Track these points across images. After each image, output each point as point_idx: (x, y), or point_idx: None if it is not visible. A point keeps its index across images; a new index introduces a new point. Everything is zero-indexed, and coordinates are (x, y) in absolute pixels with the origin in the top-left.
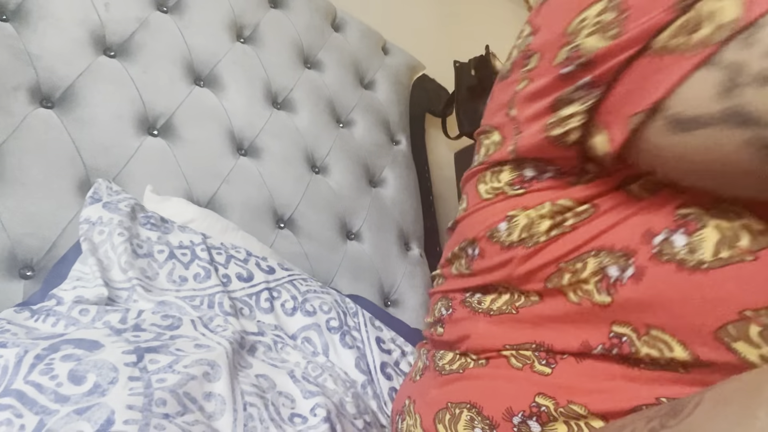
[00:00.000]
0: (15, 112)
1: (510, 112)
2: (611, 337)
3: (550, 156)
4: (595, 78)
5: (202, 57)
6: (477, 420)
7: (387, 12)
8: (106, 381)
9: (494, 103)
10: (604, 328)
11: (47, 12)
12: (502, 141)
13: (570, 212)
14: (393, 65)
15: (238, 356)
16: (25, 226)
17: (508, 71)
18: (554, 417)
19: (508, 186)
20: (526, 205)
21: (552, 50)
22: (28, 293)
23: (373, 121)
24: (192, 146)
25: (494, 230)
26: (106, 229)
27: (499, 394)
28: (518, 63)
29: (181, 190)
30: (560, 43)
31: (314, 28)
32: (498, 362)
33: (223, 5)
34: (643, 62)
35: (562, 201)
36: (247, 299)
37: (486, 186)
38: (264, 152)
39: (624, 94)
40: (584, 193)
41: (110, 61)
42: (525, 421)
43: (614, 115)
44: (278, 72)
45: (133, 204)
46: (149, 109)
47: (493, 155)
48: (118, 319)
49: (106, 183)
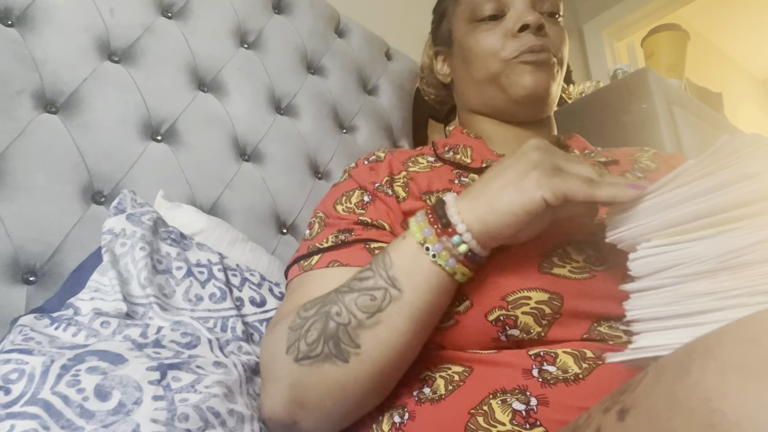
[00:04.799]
0: (19, 117)
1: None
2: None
3: None
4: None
5: (206, 62)
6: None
7: (390, 18)
8: (131, 401)
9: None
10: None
11: (52, 17)
12: None
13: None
14: (396, 71)
15: (252, 383)
16: (28, 232)
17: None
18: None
19: None
20: None
21: None
22: (31, 298)
23: (376, 126)
24: (195, 151)
25: None
26: (129, 242)
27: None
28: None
29: (185, 196)
30: None
31: (318, 33)
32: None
33: (228, 11)
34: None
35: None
36: (258, 325)
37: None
38: (267, 158)
39: None
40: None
41: (115, 66)
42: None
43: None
44: (282, 77)
45: (156, 218)
46: (153, 114)
47: None
48: (139, 334)
49: (131, 195)
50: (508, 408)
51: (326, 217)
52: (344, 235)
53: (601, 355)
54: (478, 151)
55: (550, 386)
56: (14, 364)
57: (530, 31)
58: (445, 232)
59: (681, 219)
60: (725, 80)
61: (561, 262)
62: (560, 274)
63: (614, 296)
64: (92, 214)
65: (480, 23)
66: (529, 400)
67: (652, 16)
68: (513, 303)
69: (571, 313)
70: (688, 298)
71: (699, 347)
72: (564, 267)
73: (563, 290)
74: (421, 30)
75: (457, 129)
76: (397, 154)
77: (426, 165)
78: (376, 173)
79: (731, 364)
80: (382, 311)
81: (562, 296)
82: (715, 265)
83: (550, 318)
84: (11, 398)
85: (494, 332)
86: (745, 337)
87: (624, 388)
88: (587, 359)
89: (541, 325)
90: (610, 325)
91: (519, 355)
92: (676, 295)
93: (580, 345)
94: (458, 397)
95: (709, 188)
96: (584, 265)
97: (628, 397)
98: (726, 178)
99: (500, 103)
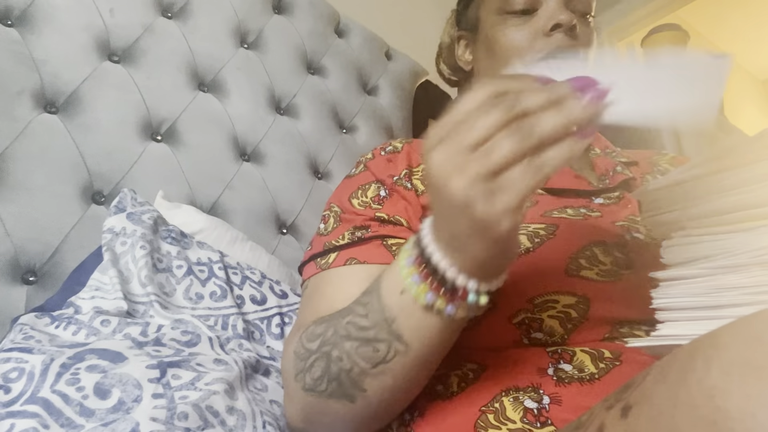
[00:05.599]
0: (19, 118)
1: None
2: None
3: None
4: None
5: (206, 63)
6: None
7: (390, 17)
8: (131, 399)
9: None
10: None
11: (52, 17)
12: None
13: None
14: (396, 71)
15: (253, 379)
16: (28, 232)
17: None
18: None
19: None
20: None
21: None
22: (31, 298)
23: (375, 127)
24: (195, 152)
25: None
26: (129, 240)
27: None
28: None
29: (184, 196)
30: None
31: (318, 33)
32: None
33: (227, 11)
34: None
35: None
36: (259, 323)
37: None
38: (267, 158)
39: None
40: None
41: (114, 66)
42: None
43: None
44: (282, 78)
45: (156, 216)
46: (153, 114)
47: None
48: (139, 332)
49: (132, 193)
50: (520, 406)
51: (342, 212)
52: (361, 232)
53: (619, 356)
54: None
55: (564, 385)
56: (14, 362)
57: (562, 30)
58: (455, 296)
59: (717, 209)
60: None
61: (589, 264)
62: (588, 276)
63: (640, 300)
64: (92, 214)
65: (510, 16)
66: (541, 398)
67: (652, 16)
68: (539, 306)
69: (596, 317)
70: (719, 290)
71: (702, 345)
72: (592, 270)
73: (591, 294)
74: (421, 30)
75: None
76: (415, 144)
77: None
78: (394, 165)
79: (735, 362)
80: (387, 363)
81: (590, 300)
82: (749, 260)
83: (576, 322)
84: (11, 397)
85: (517, 335)
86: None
87: (627, 386)
88: (605, 359)
89: (566, 329)
90: (631, 326)
91: (536, 353)
92: (706, 287)
93: (599, 345)
94: (470, 394)
95: (747, 179)
96: (611, 268)
97: (631, 394)
98: (762, 172)
99: None
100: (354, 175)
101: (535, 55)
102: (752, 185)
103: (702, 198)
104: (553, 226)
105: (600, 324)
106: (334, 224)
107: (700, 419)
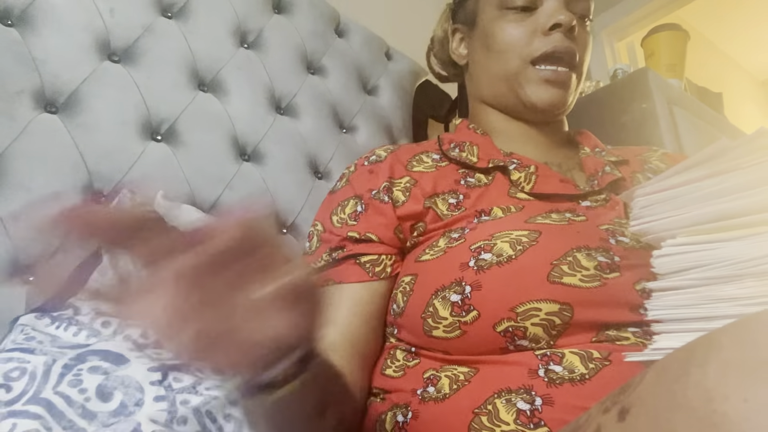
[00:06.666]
0: (19, 117)
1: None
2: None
3: None
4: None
5: (206, 62)
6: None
7: (390, 17)
8: (133, 402)
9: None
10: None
11: (52, 17)
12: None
13: None
14: (396, 71)
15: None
16: (28, 232)
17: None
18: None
19: None
20: None
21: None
22: (30, 299)
23: (376, 126)
24: (195, 151)
25: None
26: None
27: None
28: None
29: (184, 196)
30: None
31: (318, 33)
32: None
33: (228, 11)
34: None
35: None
36: None
37: None
38: (267, 158)
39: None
40: None
41: (114, 66)
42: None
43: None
44: (282, 77)
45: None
46: (153, 114)
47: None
48: (140, 333)
49: (130, 194)
50: (513, 407)
51: (323, 231)
52: (336, 253)
53: (608, 356)
54: (484, 150)
55: (555, 386)
56: (16, 362)
57: (561, 30)
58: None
59: (709, 216)
60: (725, 80)
61: (571, 270)
62: (571, 283)
63: (625, 304)
64: None
65: (510, 11)
66: (534, 399)
67: (652, 16)
68: (522, 314)
69: (581, 323)
70: (712, 301)
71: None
72: (574, 275)
73: (574, 300)
74: (421, 30)
75: (463, 124)
76: (400, 153)
77: (431, 164)
78: (375, 177)
79: (732, 365)
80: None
81: (573, 307)
82: (742, 270)
83: (560, 328)
84: (12, 396)
85: (502, 342)
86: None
87: (624, 388)
88: (594, 359)
89: (550, 335)
90: (618, 329)
91: (526, 355)
92: (699, 298)
93: (588, 346)
94: (462, 397)
95: (739, 185)
96: (595, 273)
97: (628, 396)
98: (758, 176)
99: (511, 103)
100: (336, 190)
101: (531, 52)
102: (747, 191)
103: (694, 205)
104: (536, 232)
105: (585, 329)
106: (317, 243)
107: (698, 422)
